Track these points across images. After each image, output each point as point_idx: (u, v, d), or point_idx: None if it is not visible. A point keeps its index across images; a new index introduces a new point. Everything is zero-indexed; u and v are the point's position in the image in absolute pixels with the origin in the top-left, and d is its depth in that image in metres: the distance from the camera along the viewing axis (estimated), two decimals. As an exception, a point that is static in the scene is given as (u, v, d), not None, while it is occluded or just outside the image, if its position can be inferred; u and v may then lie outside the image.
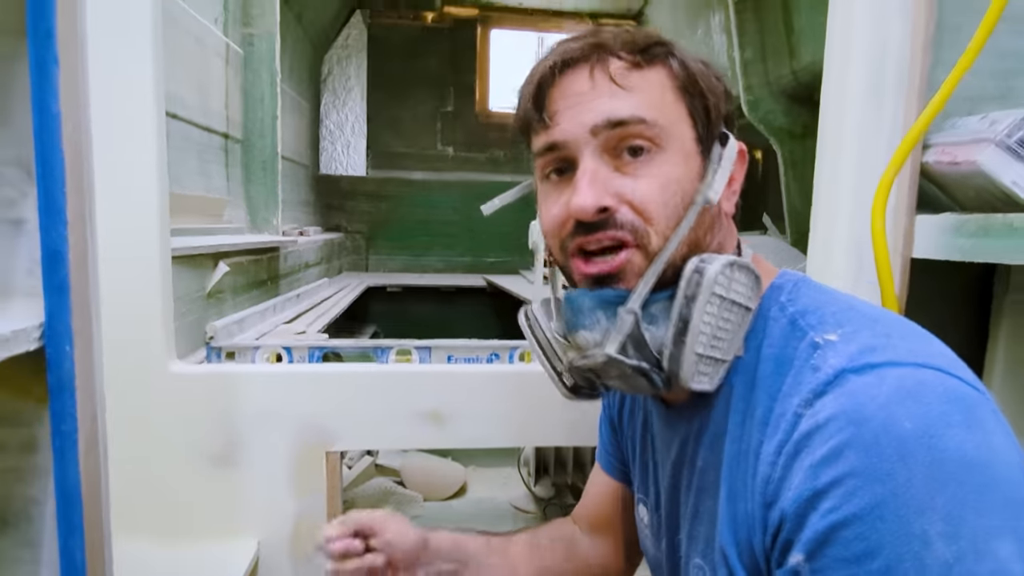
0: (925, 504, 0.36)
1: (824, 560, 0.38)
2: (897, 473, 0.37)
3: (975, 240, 0.70)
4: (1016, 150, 0.65)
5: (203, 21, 1.29)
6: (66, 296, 0.37)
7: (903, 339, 0.43)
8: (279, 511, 0.90)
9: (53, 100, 0.36)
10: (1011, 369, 0.85)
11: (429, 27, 2.79)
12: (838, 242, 0.88)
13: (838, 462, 0.38)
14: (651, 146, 0.48)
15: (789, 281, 0.51)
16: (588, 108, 0.49)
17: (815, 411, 0.41)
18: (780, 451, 0.43)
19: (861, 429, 0.38)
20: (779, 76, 1.72)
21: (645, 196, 0.48)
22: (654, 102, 0.49)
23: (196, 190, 1.25)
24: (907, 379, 0.40)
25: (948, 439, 0.37)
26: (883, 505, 0.37)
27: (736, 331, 0.49)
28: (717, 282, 0.46)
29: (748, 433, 0.47)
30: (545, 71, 0.50)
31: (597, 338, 0.50)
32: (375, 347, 0.98)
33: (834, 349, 0.43)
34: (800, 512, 0.40)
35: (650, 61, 0.49)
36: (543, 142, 0.51)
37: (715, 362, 0.48)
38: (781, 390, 0.45)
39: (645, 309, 0.49)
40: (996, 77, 0.85)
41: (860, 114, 0.85)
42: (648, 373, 0.49)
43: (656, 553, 0.62)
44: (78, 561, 0.40)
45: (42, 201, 0.37)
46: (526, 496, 1.26)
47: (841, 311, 0.47)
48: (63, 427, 0.38)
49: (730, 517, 0.47)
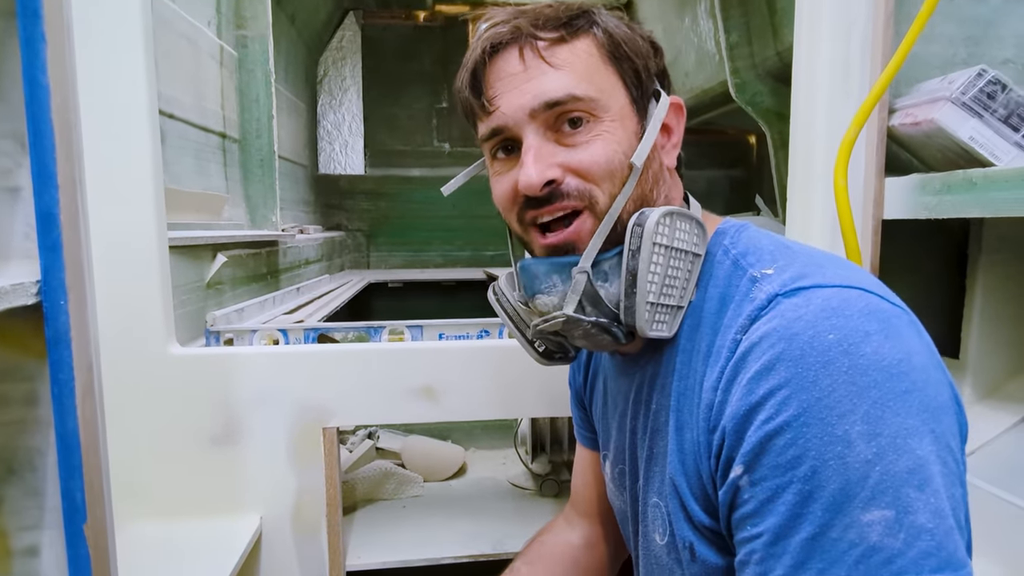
0: (846, 408, 0.39)
1: (761, 470, 0.41)
2: (821, 381, 0.40)
3: (939, 197, 0.73)
4: (971, 106, 0.67)
5: (196, 24, 1.33)
6: (59, 254, 0.41)
7: (833, 267, 0.46)
8: (280, 486, 0.93)
9: (42, 73, 0.40)
10: (986, 323, 0.88)
11: (421, 26, 2.83)
12: (814, 210, 0.91)
13: (770, 375, 0.41)
14: (588, 116, 0.51)
15: (732, 227, 0.54)
16: (523, 91, 0.51)
17: (750, 333, 0.44)
18: (721, 376, 0.46)
19: (790, 344, 0.41)
20: (764, 58, 1.74)
21: (588, 161, 0.51)
22: (584, 74, 0.51)
23: (195, 189, 1.29)
24: (832, 298, 0.43)
25: (867, 347, 0.40)
26: (809, 411, 0.40)
27: (686, 277, 0.52)
28: (657, 232, 0.49)
29: (694, 368, 0.50)
30: (477, 57, 0.53)
31: (555, 301, 0.53)
32: (368, 327, 1.01)
33: (769, 280, 0.46)
34: (738, 428, 0.43)
35: (574, 34, 0.52)
36: (487, 128, 0.54)
37: (670, 309, 0.51)
38: (723, 323, 0.48)
39: (597, 267, 0.51)
40: (964, 44, 0.88)
41: (829, 85, 0.87)
42: (608, 328, 0.52)
43: (621, 505, 0.64)
44: (78, 501, 0.43)
45: (35, 167, 0.40)
46: (524, 474, 1.29)
47: (778, 249, 0.50)
48: (60, 376, 0.42)
49: (678, 448, 0.50)
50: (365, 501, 1.22)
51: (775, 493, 0.41)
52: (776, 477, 0.41)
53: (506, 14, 0.53)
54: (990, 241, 0.88)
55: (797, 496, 0.40)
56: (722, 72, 1.79)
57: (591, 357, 0.73)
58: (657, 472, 0.54)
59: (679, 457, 0.50)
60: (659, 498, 0.54)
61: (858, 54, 0.85)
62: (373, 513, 1.18)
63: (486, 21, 0.54)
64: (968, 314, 0.90)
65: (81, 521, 0.43)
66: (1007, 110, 0.66)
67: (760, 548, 0.42)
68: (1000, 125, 0.67)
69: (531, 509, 1.19)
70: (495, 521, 1.14)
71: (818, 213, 0.89)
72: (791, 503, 0.40)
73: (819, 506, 0.39)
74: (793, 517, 0.40)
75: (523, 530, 1.10)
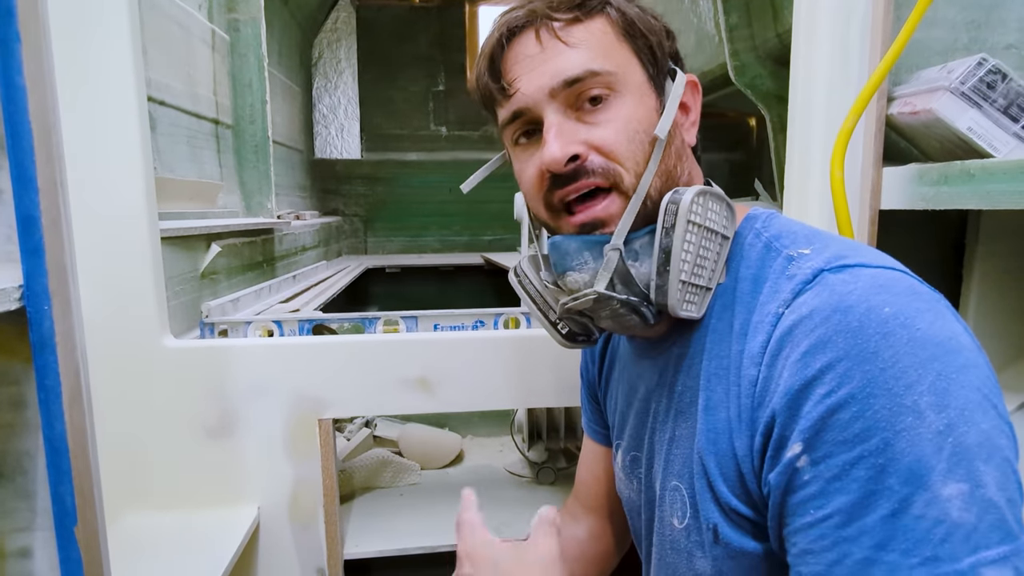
0: (912, 378, 0.38)
1: (824, 447, 0.40)
2: (883, 352, 0.39)
3: (936, 188, 0.72)
4: (970, 96, 0.66)
5: (186, 7, 1.31)
6: (41, 258, 0.40)
7: (868, 252, 0.47)
8: (277, 477, 0.94)
9: (17, 74, 0.39)
10: (983, 313, 0.88)
11: (416, 7, 2.79)
12: (811, 198, 0.90)
13: (826, 349, 0.40)
14: (608, 92, 0.51)
15: (763, 212, 0.55)
16: (542, 71, 0.51)
17: (796, 307, 0.44)
18: (764, 350, 0.45)
19: (847, 316, 0.41)
20: (764, 40, 1.71)
21: (610, 139, 0.51)
22: (601, 51, 0.51)
23: (189, 176, 1.28)
24: (879, 276, 0.43)
25: (921, 322, 0.40)
26: (874, 383, 0.39)
27: (716, 258, 0.52)
28: (692, 211, 0.49)
29: (726, 347, 0.50)
30: (494, 43, 0.53)
31: (586, 278, 0.52)
32: (363, 318, 1.01)
33: (808, 259, 0.46)
34: (792, 404, 0.42)
35: (588, 13, 0.52)
36: (508, 112, 0.54)
37: (700, 289, 0.51)
38: (759, 301, 0.48)
39: (629, 246, 0.51)
40: (966, 29, 0.86)
41: (828, 72, 0.86)
42: (638, 307, 0.52)
43: (631, 494, 0.65)
44: (68, 505, 0.43)
45: (14, 170, 0.39)
46: (520, 461, 1.30)
47: (812, 234, 0.50)
48: (47, 382, 0.41)
49: (707, 428, 0.50)
50: (363, 489, 1.23)
51: (843, 470, 0.39)
52: (843, 453, 0.39)
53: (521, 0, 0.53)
54: (988, 232, 0.88)
55: (870, 471, 0.38)
56: (722, 54, 1.76)
57: (606, 348, 0.73)
58: (678, 455, 0.54)
59: (709, 437, 0.49)
60: (679, 480, 0.53)
61: (857, 40, 0.84)
62: (371, 501, 1.19)
63: (503, 8, 0.54)
64: (964, 304, 0.90)
65: (72, 524, 0.43)
66: (1007, 100, 0.65)
67: (831, 532, 0.39)
68: (999, 115, 0.66)
69: (528, 497, 1.20)
70: (492, 509, 1.15)
71: (815, 202, 0.88)
72: (863, 479, 0.38)
73: (896, 480, 0.37)
74: (868, 494, 0.38)
75: (520, 518, 1.11)
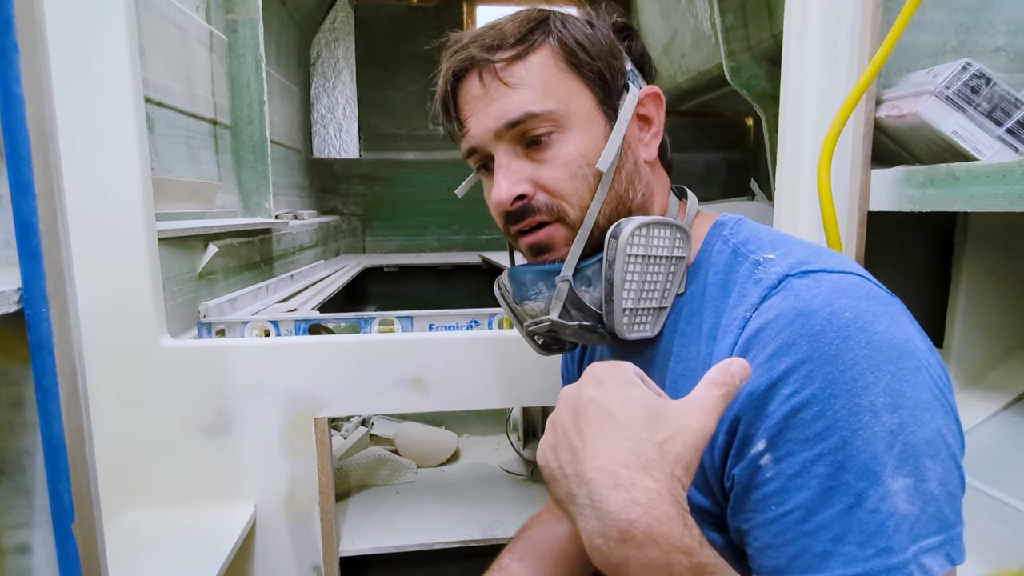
0: (869, 380, 0.40)
1: (786, 445, 0.42)
2: (843, 355, 0.41)
3: (923, 191, 0.73)
4: (955, 100, 0.67)
5: (184, 9, 1.32)
6: (39, 262, 0.41)
7: (830, 256, 0.49)
8: (273, 475, 0.95)
9: (16, 84, 0.40)
10: (970, 313, 0.89)
11: (415, 7, 2.79)
12: (802, 200, 0.91)
13: (791, 351, 0.42)
14: (551, 129, 0.53)
15: (730, 219, 0.56)
16: (487, 113, 0.54)
17: (762, 311, 0.45)
18: (731, 352, 0.47)
19: (810, 320, 0.42)
20: (760, 40, 1.72)
21: (553, 178, 0.53)
22: (542, 89, 0.53)
23: (187, 177, 1.29)
24: (840, 281, 0.45)
25: (879, 326, 0.42)
26: (834, 384, 0.41)
27: (668, 279, 0.53)
28: (631, 243, 0.51)
29: (694, 350, 0.52)
30: (444, 87, 0.56)
31: (542, 306, 0.56)
32: (358, 318, 1.02)
33: (773, 263, 0.48)
34: (757, 404, 0.43)
35: (529, 49, 0.53)
36: (464, 148, 0.58)
37: (652, 311, 0.53)
38: (728, 305, 0.49)
39: (581, 273, 0.54)
40: (955, 32, 0.87)
41: (818, 74, 0.87)
42: (593, 329, 0.54)
43: None
44: (66, 502, 0.44)
45: (12, 177, 0.40)
46: (516, 460, 1.31)
47: (777, 239, 0.52)
48: (45, 382, 0.42)
49: None
50: (359, 487, 1.24)
51: (804, 467, 0.41)
52: (804, 451, 0.41)
53: (466, 38, 0.55)
54: (975, 232, 0.89)
55: (829, 468, 0.40)
56: (718, 54, 1.78)
57: (586, 349, 0.74)
58: None
59: None
60: None
61: (847, 43, 0.84)
62: (367, 499, 1.20)
63: (449, 47, 0.56)
64: (953, 304, 0.91)
65: (69, 521, 0.44)
66: (991, 104, 0.66)
67: (791, 527, 0.41)
68: (983, 119, 0.67)
69: (523, 495, 1.21)
70: (487, 507, 1.16)
71: (806, 203, 0.89)
72: (823, 475, 0.40)
73: (852, 476, 0.40)
74: (826, 490, 0.40)
75: (514, 515, 1.13)
